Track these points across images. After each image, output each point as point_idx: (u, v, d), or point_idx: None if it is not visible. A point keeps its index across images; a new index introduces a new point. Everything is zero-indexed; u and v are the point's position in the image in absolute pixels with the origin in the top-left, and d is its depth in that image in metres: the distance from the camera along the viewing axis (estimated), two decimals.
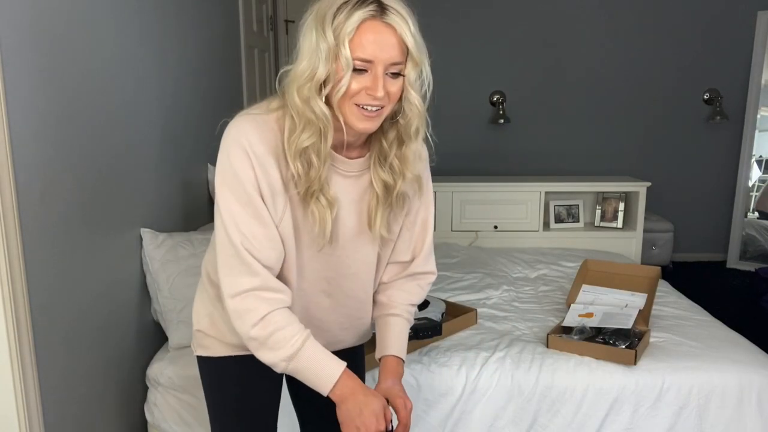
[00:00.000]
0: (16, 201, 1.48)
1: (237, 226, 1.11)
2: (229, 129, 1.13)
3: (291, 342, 1.13)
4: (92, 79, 1.88)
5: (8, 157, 1.46)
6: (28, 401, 1.56)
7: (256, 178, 1.10)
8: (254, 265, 1.12)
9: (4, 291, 1.47)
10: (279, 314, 1.14)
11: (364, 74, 1.07)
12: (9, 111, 1.46)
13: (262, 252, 1.13)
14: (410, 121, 1.16)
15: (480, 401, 1.94)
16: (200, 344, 1.35)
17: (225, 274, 1.14)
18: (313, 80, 1.07)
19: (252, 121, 1.13)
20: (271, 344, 1.13)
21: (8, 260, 1.47)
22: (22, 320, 1.52)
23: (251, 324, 1.12)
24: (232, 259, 1.12)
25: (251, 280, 1.12)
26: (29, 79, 1.56)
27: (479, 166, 4.68)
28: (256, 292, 1.13)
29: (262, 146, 1.11)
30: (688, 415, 1.92)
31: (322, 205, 1.15)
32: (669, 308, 2.46)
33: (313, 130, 1.09)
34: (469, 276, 2.93)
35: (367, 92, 1.08)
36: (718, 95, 4.58)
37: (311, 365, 1.15)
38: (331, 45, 1.05)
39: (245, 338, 1.15)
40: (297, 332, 1.15)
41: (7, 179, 1.46)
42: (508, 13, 4.56)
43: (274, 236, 1.14)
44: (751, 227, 4.65)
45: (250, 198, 1.11)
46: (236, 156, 1.10)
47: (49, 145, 1.64)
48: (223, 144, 1.14)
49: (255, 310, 1.13)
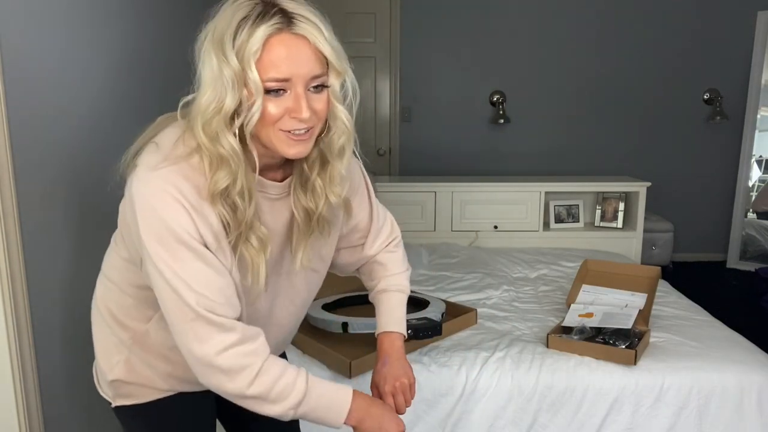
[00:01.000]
0: (16, 201, 1.48)
1: (188, 286, 0.95)
2: (145, 186, 0.95)
3: (295, 389, 1.03)
4: (93, 79, 1.88)
5: (8, 157, 1.46)
6: (28, 401, 1.56)
7: (196, 227, 0.95)
8: (224, 322, 0.98)
9: (4, 291, 1.47)
10: (270, 363, 1.02)
11: (282, 95, 0.94)
12: (9, 111, 1.46)
13: (226, 306, 0.99)
14: (333, 138, 1.03)
15: (480, 401, 1.94)
16: (119, 394, 1.19)
17: (190, 340, 0.98)
18: (221, 113, 0.93)
19: (178, 172, 0.96)
20: (275, 397, 1.02)
21: (8, 260, 1.47)
22: (22, 320, 1.52)
23: (247, 383, 1.00)
24: (193, 324, 0.97)
25: (227, 336, 0.98)
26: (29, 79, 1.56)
27: (479, 166, 4.68)
28: (238, 348, 0.99)
29: (193, 191, 0.96)
30: (688, 415, 1.92)
31: (254, 247, 1.01)
32: (669, 308, 2.46)
33: (228, 169, 0.95)
34: (469, 276, 2.93)
35: (290, 115, 0.95)
36: (718, 95, 4.58)
37: (321, 402, 1.06)
38: (236, 69, 0.91)
39: (238, 397, 1.02)
40: (295, 376, 1.04)
41: (7, 179, 1.46)
42: (509, 13, 4.56)
43: (230, 283, 1.01)
44: (751, 227, 4.65)
45: (194, 248, 0.95)
46: (165, 207, 0.94)
47: (49, 145, 1.64)
48: (139, 203, 0.95)
49: (248, 367, 1.00)
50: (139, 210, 0.95)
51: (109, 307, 1.17)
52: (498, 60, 4.63)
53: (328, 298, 2.33)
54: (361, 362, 1.91)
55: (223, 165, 0.95)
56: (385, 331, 1.31)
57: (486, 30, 4.57)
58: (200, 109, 0.94)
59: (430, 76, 4.64)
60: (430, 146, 4.72)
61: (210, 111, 0.93)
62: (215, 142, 0.94)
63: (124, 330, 1.16)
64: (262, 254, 1.02)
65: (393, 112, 4.70)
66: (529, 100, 4.67)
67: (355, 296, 2.37)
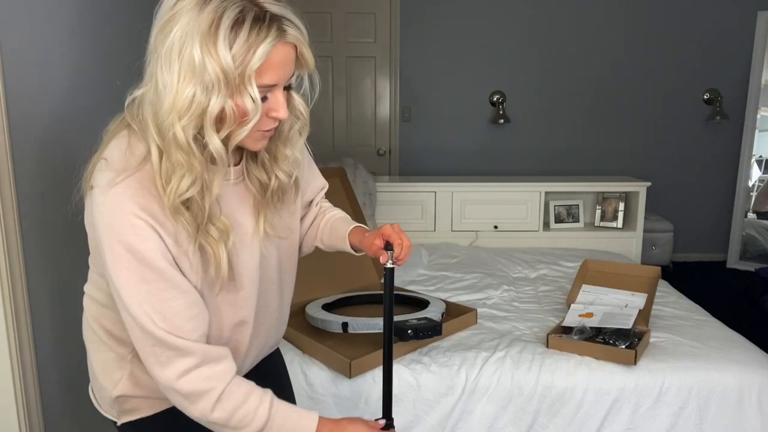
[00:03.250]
0: (16, 201, 1.48)
1: (149, 314, 0.93)
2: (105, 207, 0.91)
3: (258, 415, 1.01)
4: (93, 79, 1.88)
5: (8, 157, 1.46)
6: (28, 401, 1.56)
7: (163, 243, 0.92)
8: (184, 345, 0.95)
9: (4, 291, 1.47)
10: (234, 387, 1.00)
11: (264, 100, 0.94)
12: (9, 111, 1.46)
13: (188, 328, 0.96)
14: (285, 125, 1.04)
15: (480, 401, 1.94)
16: (123, 410, 1.17)
17: (152, 364, 0.97)
18: (205, 115, 0.89)
19: (137, 184, 0.92)
20: (236, 423, 1.00)
21: (8, 260, 1.47)
22: (22, 320, 1.52)
23: (209, 408, 0.98)
24: (156, 349, 0.95)
25: (187, 360, 0.96)
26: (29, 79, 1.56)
27: (479, 166, 4.69)
28: (199, 371, 0.97)
29: (153, 202, 0.92)
30: (688, 415, 1.92)
31: (213, 238, 0.98)
32: (669, 308, 2.46)
33: (195, 175, 0.92)
34: (469, 276, 2.93)
35: (269, 115, 0.95)
36: (718, 95, 4.59)
37: (285, 429, 1.04)
38: (231, 78, 0.87)
39: (202, 421, 1.01)
40: (259, 402, 1.02)
41: (7, 179, 1.46)
42: (509, 14, 4.56)
43: (196, 300, 0.99)
44: (751, 227, 4.65)
45: (159, 272, 0.93)
46: (128, 231, 0.90)
47: (49, 145, 1.64)
48: (104, 223, 0.92)
49: (209, 391, 0.98)
50: (103, 233, 0.92)
51: (103, 325, 1.14)
52: (498, 60, 4.63)
53: (328, 298, 2.33)
54: (361, 362, 1.91)
55: (191, 171, 0.91)
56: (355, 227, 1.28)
57: (486, 30, 4.57)
58: (176, 107, 0.88)
59: (430, 76, 4.64)
60: (430, 146, 4.72)
61: (189, 114, 0.88)
62: (190, 147, 0.90)
63: (122, 346, 1.13)
64: (222, 245, 0.99)
65: (393, 112, 4.70)
66: (529, 100, 4.67)
67: (355, 296, 2.37)
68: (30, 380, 1.56)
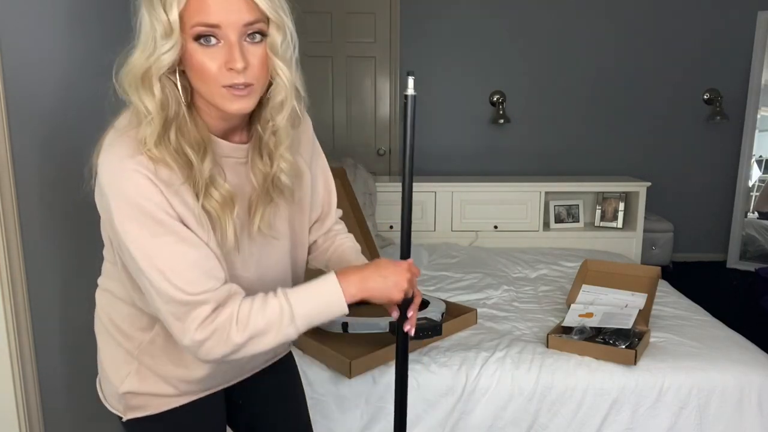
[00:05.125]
0: (16, 201, 1.48)
1: (160, 269, 0.94)
2: (109, 164, 0.95)
3: (279, 310, 0.99)
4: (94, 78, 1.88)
5: (8, 157, 1.46)
6: (28, 401, 1.56)
7: (164, 197, 0.94)
8: (194, 299, 0.96)
9: (4, 291, 1.47)
10: (245, 304, 0.99)
11: (215, 47, 0.92)
12: (9, 111, 1.46)
13: (202, 279, 0.96)
14: (273, 94, 1.01)
15: (480, 401, 1.94)
16: (130, 406, 1.17)
17: (171, 322, 0.98)
18: (148, 67, 0.92)
19: (127, 140, 0.95)
20: (266, 328, 0.98)
21: (8, 260, 1.47)
22: (22, 320, 1.52)
23: (234, 336, 0.97)
24: (169, 307, 0.96)
25: (202, 310, 0.96)
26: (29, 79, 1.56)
27: (479, 166, 4.68)
28: (214, 317, 0.97)
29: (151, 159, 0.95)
30: (688, 415, 1.92)
31: (217, 202, 0.99)
32: (669, 308, 2.46)
33: (162, 116, 0.95)
34: (469, 276, 2.93)
35: (226, 67, 0.93)
36: (718, 95, 4.58)
37: (313, 305, 1.01)
38: (163, 21, 0.90)
39: (236, 353, 0.99)
40: (271, 298, 1.00)
41: (7, 179, 1.46)
42: (509, 13, 4.56)
43: (207, 254, 0.98)
44: (751, 227, 4.64)
45: (164, 225, 0.94)
46: (130, 184, 0.93)
47: (49, 145, 1.64)
48: (108, 183, 0.95)
49: (225, 325, 0.97)
50: (109, 194, 0.95)
51: (111, 318, 1.17)
52: (498, 60, 4.62)
53: None
54: (361, 362, 1.91)
55: (158, 112, 0.94)
56: None
57: (486, 30, 4.57)
58: (129, 67, 0.94)
59: (430, 76, 4.63)
60: (430, 146, 4.72)
61: (137, 66, 0.93)
62: (144, 96, 0.93)
63: (129, 340, 1.15)
64: (228, 212, 1.01)
65: (393, 112, 4.69)
66: (529, 100, 4.67)
67: None
68: (30, 380, 1.56)
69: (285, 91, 1.02)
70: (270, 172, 1.07)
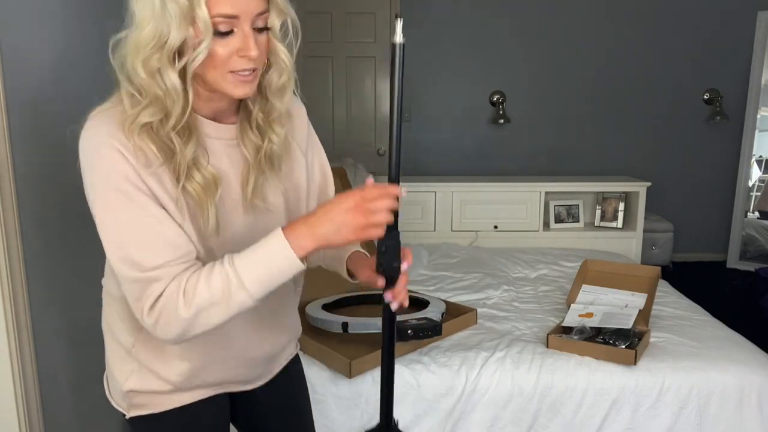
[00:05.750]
0: (16, 201, 1.48)
1: (119, 244, 0.94)
2: (86, 137, 0.96)
3: (225, 277, 0.94)
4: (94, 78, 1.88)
5: (8, 158, 1.46)
6: (28, 401, 1.56)
7: (141, 179, 0.94)
8: (149, 275, 0.94)
9: (4, 291, 1.47)
10: (193, 276, 0.95)
11: (229, 36, 0.93)
12: (9, 111, 1.46)
13: (161, 251, 0.95)
14: (273, 76, 1.04)
15: (480, 401, 1.94)
16: (133, 404, 1.17)
17: (132, 304, 0.97)
18: (164, 49, 0.91)
19: (109, 117, 0.96)
20: (209, 299, 0.94)
21: (8, 260, 1.47)
22: (22, 320, 1.52)
23: (181, 310, 0.93)
24: (128, 285, 0.96)
25: (155, 288, 0.94)
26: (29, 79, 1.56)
27: (479, 166, 4.68)
28: (166, 292, 0.95)
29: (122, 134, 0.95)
30: (688, 415, 1.92)
31: (199, 185, 0.99)
32: (669, 308, 2.46)
33: (158, 107, 0.94)
34: (469, 276, 2.93)
35: (239, 55, 0.94)
36: (718, 95, 4.58)
37: (262, 265, 0.95)
38: (182, 5, 0.89)
39: (185, 332, 0.96)
40: (217, 266, 0.96)
41: (7, 179, 1.46)
42: (509, 13, 4.56)
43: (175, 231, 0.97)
44: (751, 227, 4.64)
45: (135, 199, 0.94)
46: (107, 158, 0.93)
47: (49, 145, 1.64)
48: (83, 155, 0.96)
49: (172, 299, 0.94)
50: (84, 166, 0.96)
51: (111, 317, 1.18)
52: (498, 60, 4.62)
53: (328, 298, 2.33)
54: (361, 362, 1.91)
55: (156, 102, 0.94)
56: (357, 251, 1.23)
57: (486, 30, 4.57)
58: (139, 43, 0.92)
59: (430, 76, 4.63)
60: (430, 146, 4.72)
61: (151, 47, 0.91)
62: (154, 79, 0.93)
63: (126, 339, 1.15)
64: (210, 194, 1.00)
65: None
66: (529, 100, 4.67)
67: (355, 296, 2.37)
68: (30, 380, 1.56)
69: (288, 73, 1.04)
70: (262, 145, 1.08)
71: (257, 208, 1.10)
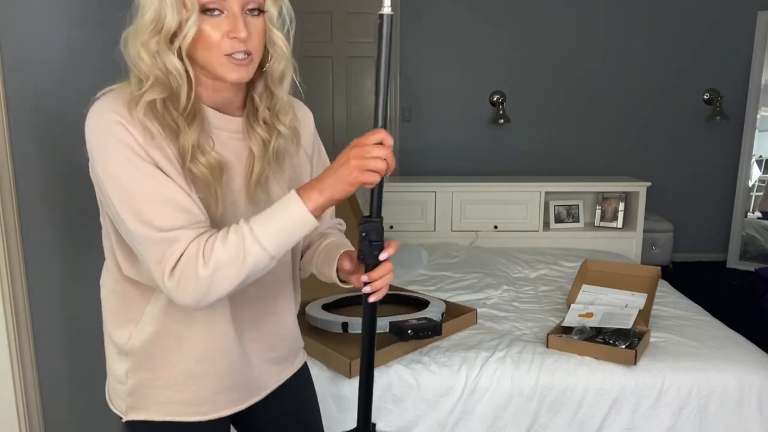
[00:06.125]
0: (16, 201, 1.48)
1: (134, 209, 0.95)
2: (92, 115, 0.99)
3: (240, 233, 0.96)
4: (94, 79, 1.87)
5: (8, 157, 1.46)
6: (28, 401, 1.56)
7: (144, 149, 0.96)
8: (168, 235, 0.95)
9: (4, 291, 1.47)
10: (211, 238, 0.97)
11: (219, 17, 0.97)
12: (9, 111, 1.46)
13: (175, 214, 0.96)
14: (274, 65, 1.06)
15: (480, 401, 1.94)
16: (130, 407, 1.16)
17: (153, 269, 0.97)
18: (161, 33, 0.96)
19: (114, 95, 1.00)
20: (227, 256, 0.95)
21: (8, 260, 1.47)
22: (22, 320, 1.52)
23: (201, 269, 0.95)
24: (147, 248, 0.97)
25: (175, 248, 0.95)
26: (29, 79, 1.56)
27: (479, 166, 4.68)
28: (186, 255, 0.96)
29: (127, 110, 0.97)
30: (688, 415, 1.92)
31: (205, 167, 1.01)
32: (669, 308, 2.46)
33: (162, 87, 0.98)
34: (469, 276, 2.93)
35: (229, 36, 0.97)
36: (718, 95, 4.58)
37: (276, 219, 0.97)
38: None
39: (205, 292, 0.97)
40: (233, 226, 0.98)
41: (7, 179, 1.46)
42: (509, 13, 4.56)
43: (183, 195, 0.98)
44: (751, 227, 4.64)
45: (140, 167, 0.96)
46: (112, 130, 0.96)
47: (49, 145, 1.64)
48: (89, 131, 0.98)
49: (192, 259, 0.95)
50: (90, 142, 0.99)
51: (106, 315, 1.18)
52: (498, 60, 4.62)
53: (328, 298, 2.33)
54: None
55: (157, 83, 0.98)
56: None
57: (486, 30, 4.57)
58: (140, 29, 0.97)
59: (430, 76, 4.63)
60: (430, 146, 4.72)
61: (150, 30, 0.96)
62: (154, 60, 0.97)
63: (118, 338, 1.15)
64: (217, 178, 1.03)
65: (393, 112, 4.70)
66: (529, 100, 4.67)
67: (355, 296, 2.37)
68: (30, 380, 1.56)
69: (285, 61, 1.06)
70: (270, 140, 1.09)
71: (260, 200, 1.11)
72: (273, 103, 1.09)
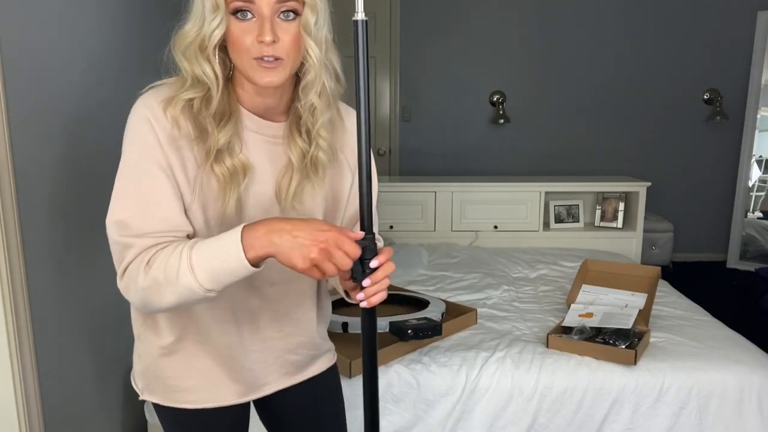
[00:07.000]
0: (16, 201, 1.48)
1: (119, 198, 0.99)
2: (132, 109, 1.02)
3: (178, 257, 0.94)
4: (94, 78, 1.88)
5: (8, 157, 1.46)
6: (28, 401, 1.56)
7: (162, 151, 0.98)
8: (126, 240, 0.98)
9: (4, 291, 1.47)
10: (160, 251, 0.97)
11: (250, 21, 0.97)
12: (9, 111, 1.46)
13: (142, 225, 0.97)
14: (306, 75, 1.05)
15: (480, 401, 1.94)
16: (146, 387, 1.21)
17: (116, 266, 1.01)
18: (199, 35, 0.98)
19: (155, 91, 1.03)
20: (161, 276, 0.94)
21: (8, 260, 1.47)
22: (22, 320, 1.52)
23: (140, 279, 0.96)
24: (113, 244, 1.00)
25: (129, 254, 0.98)
26: (29, 79, 1.56)
27: (479, 166, 4.68)
28: (136, 260, 0.98)
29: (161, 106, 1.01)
30: (688, 415, 1.92)
31: (227, 169, 1.02)
32: (669, 308, 2.46)
33: (199, 87, 1.01)
34: (469, 276, 2.93)
35: (257, 39, 0.97)
36: (718, 95, 4.58)
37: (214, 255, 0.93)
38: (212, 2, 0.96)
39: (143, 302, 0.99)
40: (179, 246, 0.96)
41: (7, 179, 1.46)
42: (509, 13, 4.56)
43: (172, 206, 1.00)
44: (751, 227, 4.65)
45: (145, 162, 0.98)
46: (135, 125, 1.00)
47: (49, 145, 1.64)
48: (127, 123, 1.02)
49: (138, 266, 0.97)
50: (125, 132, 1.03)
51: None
52: (498, 60, 4.63)
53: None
54: (361, 362, 1.91)
55: (196, 84, 1.01)
56: None
57: (486, 30, 4.57)
58: (182, 35, 1.00)
59: (430, 76, 4.64)
60: (430, 146, 4.72)
61: (190, 36, 0.99)
62: (192, 65, 1.00)
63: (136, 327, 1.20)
64: (236, 180, 1.04)
65: (393, 112, 4.70)
66: (529, 100, 4.67)
67: None
68: (30, 380, 1.56)
69: (315, 70, 1.05)
70: (309, 149, 1.09)
71: (293, 210, 1.11)
72: (315, 117, 1.08)
